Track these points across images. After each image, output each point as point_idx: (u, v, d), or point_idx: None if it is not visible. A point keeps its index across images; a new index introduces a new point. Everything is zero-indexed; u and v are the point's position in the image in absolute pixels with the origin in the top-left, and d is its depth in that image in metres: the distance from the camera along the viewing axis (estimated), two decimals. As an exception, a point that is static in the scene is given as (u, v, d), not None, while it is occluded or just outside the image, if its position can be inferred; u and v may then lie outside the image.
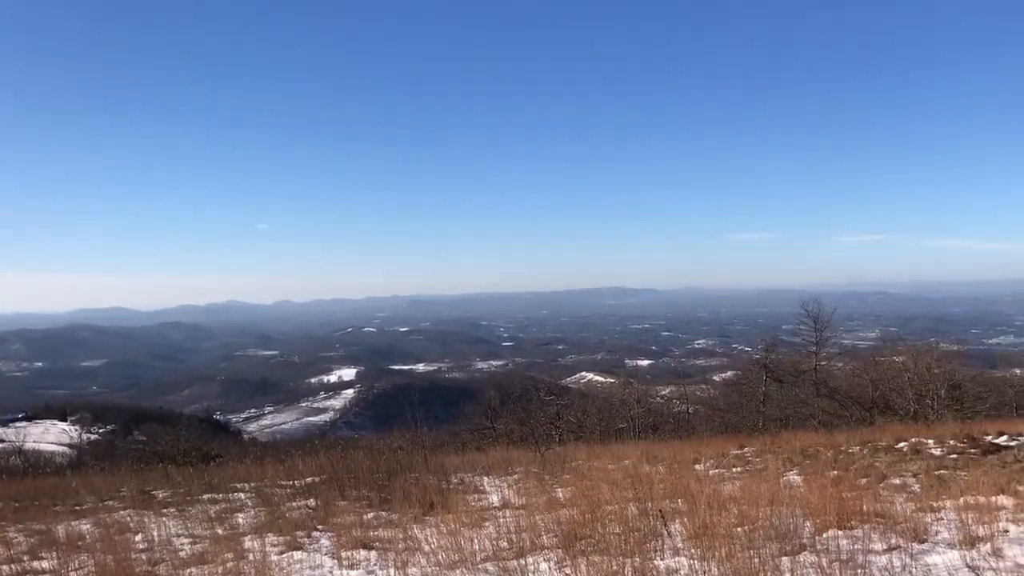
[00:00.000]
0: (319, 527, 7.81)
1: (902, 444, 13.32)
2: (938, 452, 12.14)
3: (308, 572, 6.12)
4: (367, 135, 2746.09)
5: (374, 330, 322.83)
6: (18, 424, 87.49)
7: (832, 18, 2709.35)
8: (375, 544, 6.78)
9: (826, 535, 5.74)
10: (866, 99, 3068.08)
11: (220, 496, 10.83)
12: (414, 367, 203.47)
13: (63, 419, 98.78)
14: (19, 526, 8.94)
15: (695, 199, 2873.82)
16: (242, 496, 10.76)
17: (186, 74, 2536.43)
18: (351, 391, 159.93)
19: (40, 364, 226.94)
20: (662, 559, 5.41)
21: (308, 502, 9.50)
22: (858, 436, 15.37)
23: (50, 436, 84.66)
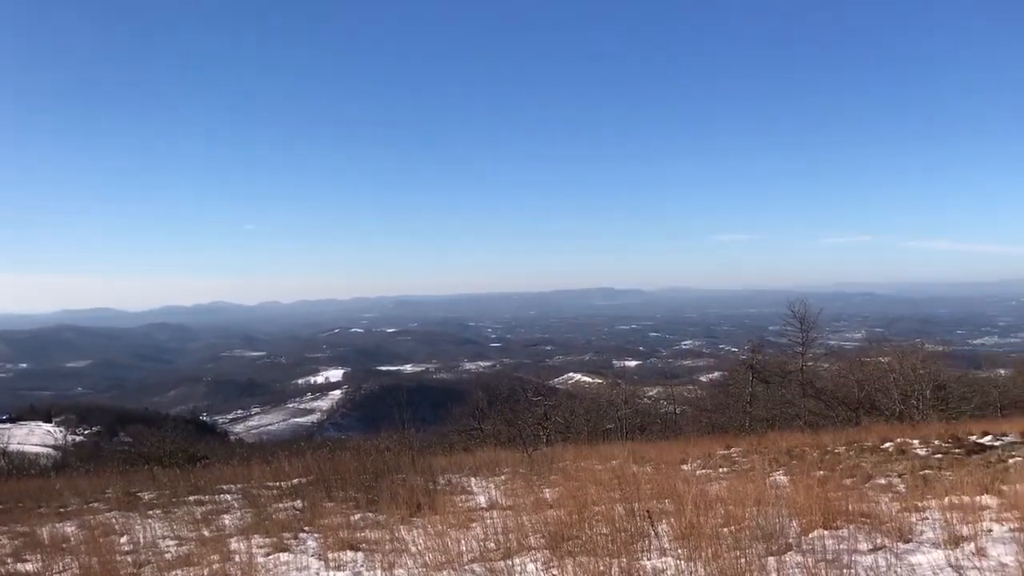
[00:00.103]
0: (306, 528, 7.79)
1: (888, 444, 13.41)
2: (923, 452, 12.24)
3: (295, 574, 6.11)
4: (366, 135, 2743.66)
5: (361, 331, 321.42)
6: (2, 426, 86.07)
7: (832, 18, 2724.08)
8: (362, 545, 6.77)
9: (812, 535, 5.77)
10: (855, 101, 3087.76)
11: (206, 498, 10.78)
12: (401, 368, 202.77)
13: (48, 420, 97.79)
14: (3, 528, 8.88)
15: (683, 200, 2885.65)
16: (228, 498, 10.71)
17: (181, 74, 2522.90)
18: (338, 392, 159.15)
19: (24, 365, 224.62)
20: (649, 559, 5.42)
21: (295, 503, 9.47)
22: (844, 436, 15.44)
23: (35, 438, 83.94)
